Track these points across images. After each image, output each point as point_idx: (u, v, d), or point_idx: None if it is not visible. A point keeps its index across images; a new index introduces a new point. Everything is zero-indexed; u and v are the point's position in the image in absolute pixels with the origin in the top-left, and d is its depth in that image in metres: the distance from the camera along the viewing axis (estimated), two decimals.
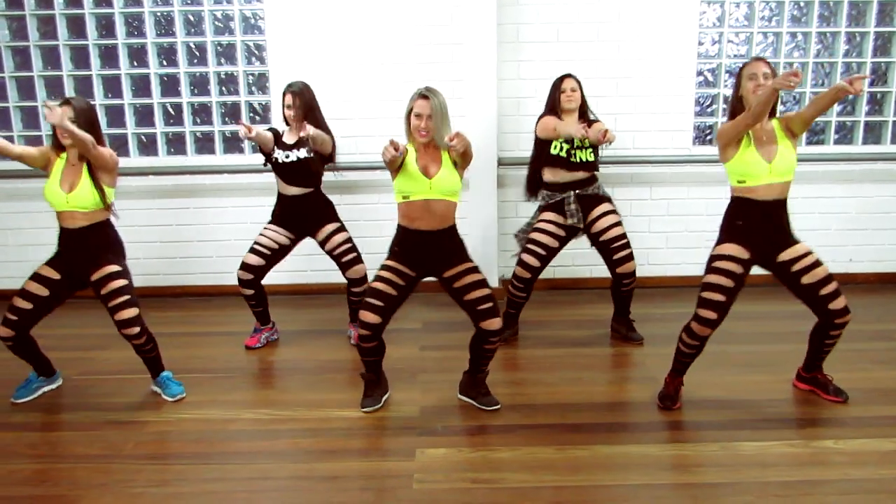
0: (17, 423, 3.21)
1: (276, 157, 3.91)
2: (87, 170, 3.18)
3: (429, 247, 3.12)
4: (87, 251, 3.25)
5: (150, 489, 2.62)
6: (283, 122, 4.01)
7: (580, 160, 3.86)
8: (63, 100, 3.19)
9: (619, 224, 3.95)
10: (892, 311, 4.70)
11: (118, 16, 4.93)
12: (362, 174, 4.98)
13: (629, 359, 3.94)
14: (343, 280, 4.12)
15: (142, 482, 2.67)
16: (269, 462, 2.82)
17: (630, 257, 3.95)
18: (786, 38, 5.04)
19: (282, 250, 4.03)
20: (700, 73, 5.11)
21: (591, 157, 3.89)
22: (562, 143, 3.83)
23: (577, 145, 3.84)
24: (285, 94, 3.86)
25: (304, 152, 3.87)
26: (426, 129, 3.02)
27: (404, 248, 3.15)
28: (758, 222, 3.05)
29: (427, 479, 2.66)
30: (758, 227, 3.06)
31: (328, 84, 4.77)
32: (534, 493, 2.56)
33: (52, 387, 3.53)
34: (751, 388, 3.41)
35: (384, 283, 3.09)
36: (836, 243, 5.22)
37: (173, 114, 5.17)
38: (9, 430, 3.13)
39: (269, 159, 3.96)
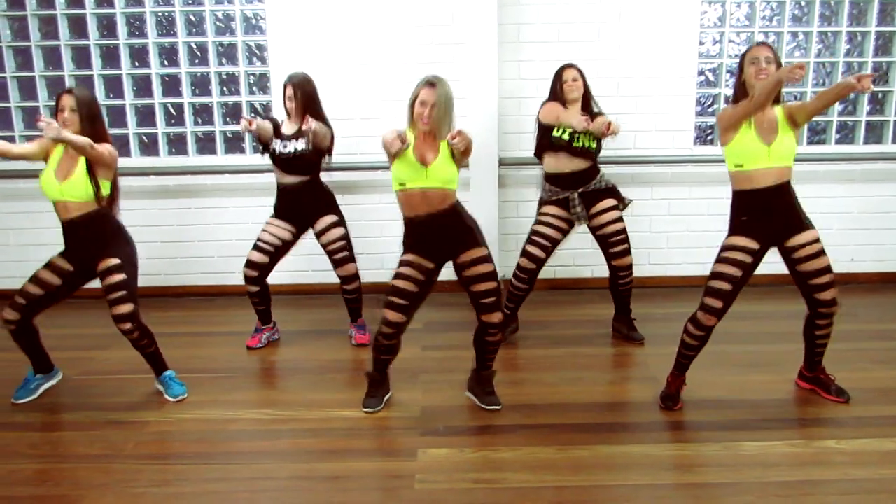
0: (18, 423, 3.21)
1: (273, 147, 3.89)
2: (84, 161, 3.17)
3: (438, 229, 3.09)
4: (90, 242, 3.25)
5: (151, 489, 2.63)
6: (283, 114, 4.00)
7: (583, 145, 3.84)
8: (66, 89, 3.19)
9: (620, 220, 3.97)
10: (894, 310, 4.69)
11: (119, 16, 4.93)
12: (363, 174, 4.97)
13: (630, 359, 3.94)
14: None
15: (143, 482, 2.67)
16: (271, 462, 2.83)
17: (627, 252, 3.97)
18: (787, 37, 5.03)
19: (285, 246, 4.02)
20: (701, 72, 5.11)
21: (594, 144, 3.87)
22: (564, 128, 3.82)
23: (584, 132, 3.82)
24: (286, 85, 3.85)
25: (302, 144, 3.84)
26: (429, 117, 2.99)
27: (416, 237, 3.12)
28: (761, 214, 3.04)
29: (429, 480, 2.66)
30: (762, 217, 3.05)
31: (329, 84, 4.77)
32: (535, 494, 2.56)
33: (53, 382, 3.53)
34: (752, 388, 3.41)
35: (405, 281, 3.08)
36: (838, 243, 5.20)
37: (174, 114, 5.17)
38: (10, 430, 3.13)
39: (267, 149, 3.94)
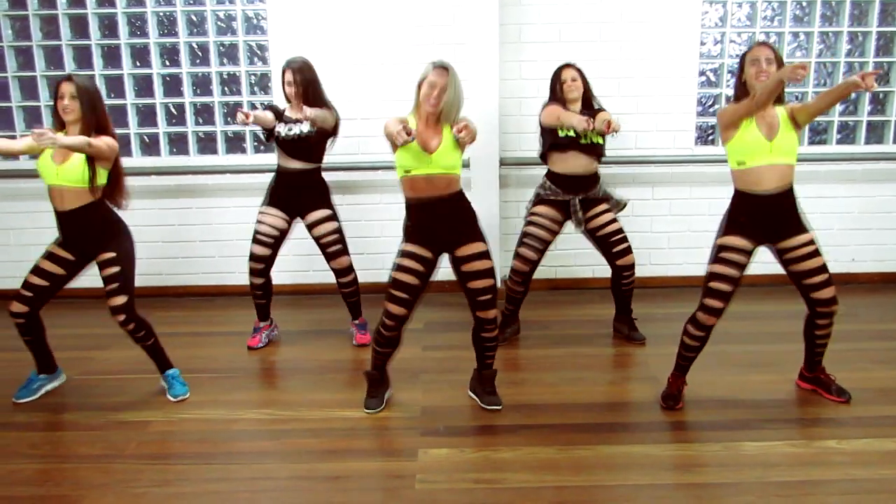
0: (18, 423, 3.21)
1: (278, 131, 3.87)
2: None
3: (440, 216, 3.07)
4: (85, 235, 3.25)
5: (152, 489, 2.63)
6: (284, 102, 3.99)
7: (591, 141, 3.83)
8: (65, 76, 3.17)
9: (616, 220, 3.98)
10: (895, 310, 4.69)
11: (121, 16, 4.93)
12: (364, 174, 4.97)
13: (631, 359, 3.94)
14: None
15: (144, 482, 2.67)
16: (271, 462, 2.83)
17: (629, 250, 3.97)
18: (788, 37, 5.03)
19: (283, 235, 4.03)
20: (702, 73, 5.11)
21: (601, 139, 3.86)
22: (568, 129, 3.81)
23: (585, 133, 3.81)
24: (285, 70, 3.83)
25: (306, 126, 3.82)
26: (437, 98, 2.95)
27: (418, 222, 3.10)
28: (761, 218, 3.04)
29: (429, 480, 2.66)
30: (761, 221, 3.05)
31: (330, 84, 4.76)
32: (536, 494, 2.56)
33: (55, 384, 3.53)
34: (753, 388, 3.41)
35: (406, 273, 3.07)
36: (839, 243, 5.21)
37: (176, 114, 5.17)
38: (11, 430, 3.14)
39: (272, 136, 3.92)
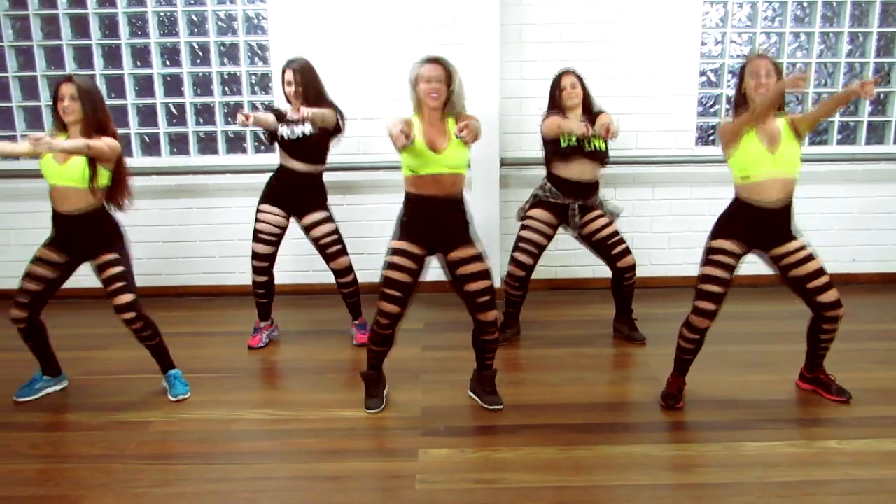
0: (19, 423, 3.21)
1: (281, 133, 3.87)
2: None
3: (437, 217, 3.07)
4: (84, 240, 3.26)
5: (152, 489, 2.63)
6: (284, 101, 3.99)
7: (595, 148, 3.83)
8: (65, 77, 3.18)
9: (611, 223, 3.98)
10: (895, 311, 4.68)
11: (121, 16, 4.93)
12: (365, 174, 4.97)
13: (631, 359, 3.94)
14: None
15: (144, 482, 2.67)
16: (272, 462, 2.83)
17: (628, 251, 3.98)
18: (789, 38, 5.03)
19: (283, 232, 4.04)
20: (703, 73, 5.10)
21: (604, 145, 3.86)
22: (570, 136, 3.81)
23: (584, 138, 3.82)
24: (285, 70, 3.82)
25: (308, 127, 3.82)
26: (438, 91, 2.94)
27: (413, 218, 3.09)
28: (757, 227, 3.05)
29: (429, 480, 2.66)
30: (757, 230, 3.06)
31: (330, 84, 4.76)
32: (536, 494, 2.56)
33: (57, 388, 3.53)
34: (753, 388, 3.41)
35: (398, 271, 3.06)
36: (839, 243, 5.21)
37: (176, 114, 5.17)
38: (11, 430, 3.14)
39: (275, 137, 3.92)
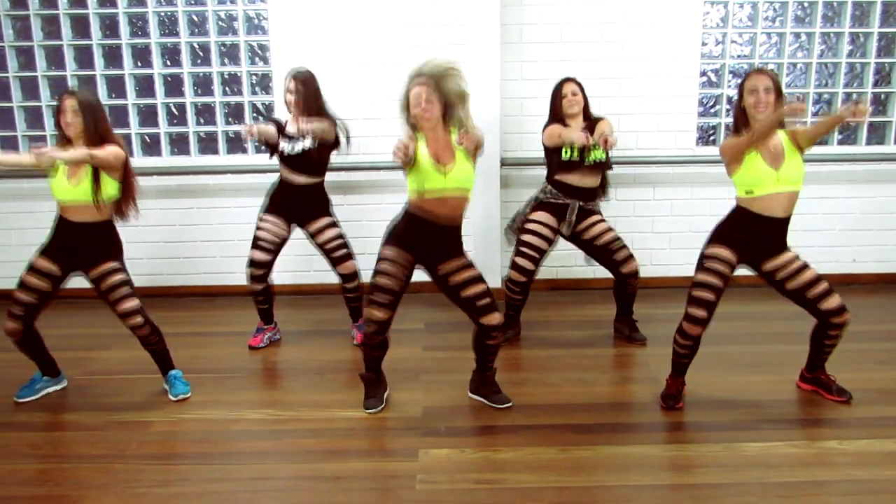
0: (19, 423, 3.21)
1: (282, 148, 3.88)
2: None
3: (433, 238, 3.09)
4: (85, 248, 3.26)
5: (153, 489, 2.63)
6: (285, 110, 4.00)
7: (594, 160, 3.84)
8: (68, 91, 3.19)
9: (610, 229, 3.98)
10: None
11: (122, 16, 4.93)
12: (366, 174, 4.97)
13: (632, 359, 3.94)
14: None
15: (145, 482, 2.67)
16: (272, 462, 2.83)
17: (631, 256, 3.97)
18: (789, 38, 5.03)
19: (282, 242, 4.04)
20: (703, 73, 5.10)
21: (603, 155, 3.86)
22: (571, 148, 3.80)
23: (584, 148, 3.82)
24: (289, 79, 3.84)
25: (308, 141, 3.83)
26: (428, 108, 2.96)
27: (408, 235, 3.10)
28: (755, 237, 3.06)
29: (430, 480, 2.66)
30: (754, 241, 3.06)
31: (331, 84, 4.76)
32: (536, 494, 2.56)
33: (57, 388, 3.53)
34: (753, 389, 3.41)
35: (387, 278, 3.07)
36: (840, 244, 5.21)
37: (177, 114, 5.17)
38: (11, 430, 3.14)
39: (275, 152, 3.93)
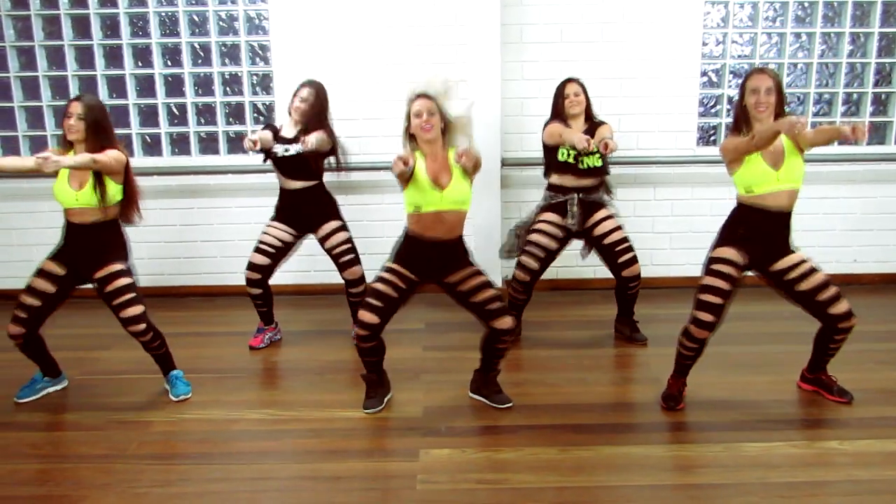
0: (19, 423, 3.21)
1: (275, 151, 3.88)
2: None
3: (435, 256, 3.10)
4: (92, 249, 3.25)
5: (153, 489, 2.63)
6: (286, 115, 4.00)
7: (588, 166, 3.85)
8: (76, 96, 3.21)
9: (620, 228, 3.96)
10: None
11: (123, 16, 4.93)
12: (367, 174, 4.97)
13: (633, 359, 3.94)
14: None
15: (145, 482, 2.68)
16: (273, 462, 2.83)
17: (635, 260, 3.96)
18: (790, 38, 5.03)
19: (286, 248, 4.03)
20: (704, 73, 5.10)
21: (599, 162, 3.87)
22: (568, 150, 3.81)
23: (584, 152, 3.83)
24: (303, 86, 3.87)
25: (301, 146, 3.80)
26: (430, 123, 2.97)
27: (411, 255, 3.12)
28: (759, 232, 3.04)
29: (430, 480, 2.66)
30: (759, 236, 3.05)
31: (332, 85, 4.76)
32: (537, 494, 2.56)
33: (57, 388, 3.53)
34: (754, 389, 3.41)
35: (385, 285, 3.08)
36: (841, 244, 5.21)
37: (177, 114, 5.18)
38: (12, 430, 3.14)
39: (269, 155, 3.94)
